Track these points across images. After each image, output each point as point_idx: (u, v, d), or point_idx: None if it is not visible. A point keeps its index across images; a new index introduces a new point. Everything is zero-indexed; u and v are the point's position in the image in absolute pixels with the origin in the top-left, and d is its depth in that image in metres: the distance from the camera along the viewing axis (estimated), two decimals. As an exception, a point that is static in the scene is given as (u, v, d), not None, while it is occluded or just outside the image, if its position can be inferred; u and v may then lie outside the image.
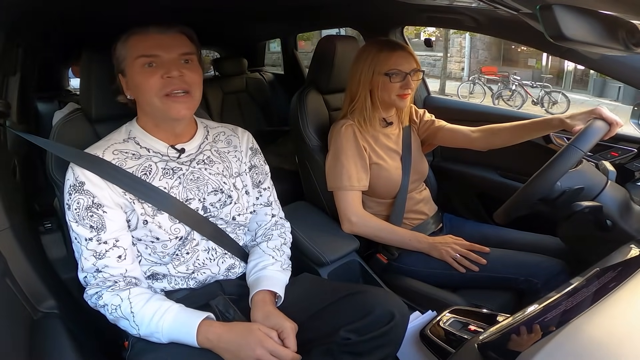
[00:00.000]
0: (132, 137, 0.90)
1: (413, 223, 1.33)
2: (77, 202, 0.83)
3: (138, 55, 0.83)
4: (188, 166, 0.92)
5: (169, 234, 0.87)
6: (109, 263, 0.83)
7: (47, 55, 2.42)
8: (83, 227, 0.83)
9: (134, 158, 0.88)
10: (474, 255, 1.17)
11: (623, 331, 0.52)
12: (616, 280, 0.62)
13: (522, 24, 0.81)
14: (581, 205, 0.92)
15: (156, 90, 0.83)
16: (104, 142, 0.89)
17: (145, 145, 0.90)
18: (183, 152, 0.92)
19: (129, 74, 0.85)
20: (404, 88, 1.22)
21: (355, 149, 1.24)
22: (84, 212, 0.82)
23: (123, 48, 0.86)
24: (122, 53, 0.86)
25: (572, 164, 0.94)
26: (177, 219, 0.88)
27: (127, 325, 0.81)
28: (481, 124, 1.32)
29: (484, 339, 0.61)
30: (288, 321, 0.85)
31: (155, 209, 0.86)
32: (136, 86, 0.85)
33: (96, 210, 0.83)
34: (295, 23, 2.44)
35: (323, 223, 1.33)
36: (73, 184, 0.83)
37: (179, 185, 0.90)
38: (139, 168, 0.87)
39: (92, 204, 0.83)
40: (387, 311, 0.84)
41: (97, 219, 0.83)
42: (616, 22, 0.57)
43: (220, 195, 0.93)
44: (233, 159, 0.99)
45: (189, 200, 0.90)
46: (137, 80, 0.84)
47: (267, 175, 1.05)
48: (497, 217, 1.06)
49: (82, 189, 0.83)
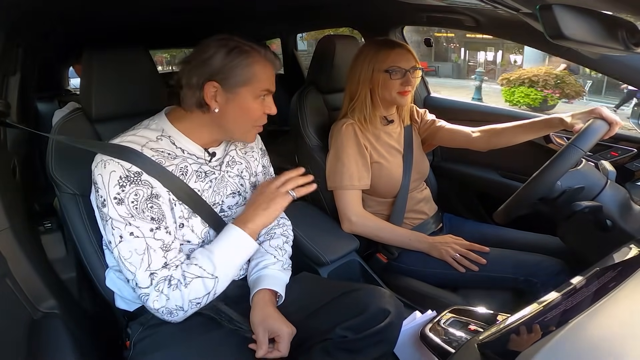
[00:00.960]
0: (166, 135, 0.87)
1: (413, 223, 1.33)
2: (134, 193, 0.77)
3: (266, 88, 0.86)
4: (219, 170, 0.93)
5: (199, 238, 0.87)
6: (177, 255, 0.81)
7: (47, 55, 2.42)
8: (143, 220, 0.77)
9: (170, 158, 0.85)
10: (473, 255, 1.17)
11: (623, 331, 0.52)
12: (616, 280, 0.62)
13: (522, 24, 0.81)
14: (581, 205, 0.92)
15: (256, 121, 0.88)
16: (137, 137, 0.83)
17: (181, 146, 0.88)
18: (214, 155, 0.92)
19: (241, 95, 0.84)
20: (405, 85, 1.22)
21: (356, 148, 1.24)
22: (144, 204, 0.78)
23: (245, 67, 0.82)
24: (242, 71, 0.82)
25: (573, 163, 0.94)
26: (207, 223, 0.88)
27: (203, 286, 0.80)
28: (482, 124, 1.32)
29: (484, 339, 0.61)
30: (286, 325, 0.85)
31: (190, 211, 0.86)
32: (244, 110, 0.85)
33: (156, 200, 0.79)
34: (295, 23, 2.44)
35: (323, 223, 1.33)
36: (126, 175, 0.77)
37: (209, 188, 0.90)
38: (176, 168, 0.85)
39: (151, 194, 0.79)
40: (382, 309, 0.84)
41: (157, 209, 0.79)
42: (616, 22, 0.57)
43: (237, 197, 0.95)
44: (251, 159, 1.01)
45: (215, 205, 0.91)
46: (249, 106, 0.85)
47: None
48: (497, 217, 1.06)
49: (140, 180, 0.78)
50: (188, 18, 1.76)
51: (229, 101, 0.84)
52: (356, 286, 0.93)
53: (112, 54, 0.98)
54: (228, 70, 0.82)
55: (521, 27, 0.93)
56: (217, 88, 0.83)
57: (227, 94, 0.83)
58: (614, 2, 0.56)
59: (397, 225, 1.28)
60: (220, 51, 0.82)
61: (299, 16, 2.08)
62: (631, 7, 0.55)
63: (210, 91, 0.82)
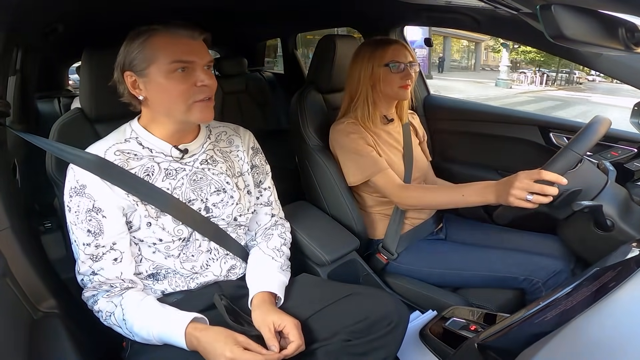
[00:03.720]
0: (134, 136, 0.89)
1: (413, 223, 1.33)
2: (77, 205, 0.82)
3: (173, 59, 0.80)
4: (191, 167, 0.91)
5: (172, 235, 0.87)
6: (105, 266, 0.83)
7: (47, 55, 2.42)
8: (81, 230, 0.83)
9: (136, 159, 0.87)
10: (548, 189, 0.92)
11: (623, 331, 0.52)
12: (616, 280, 0.62)
13: (522, 24, 0.81)
14: (581, 205, 0.92)
15: (187, 96, 0.82)
16: (104, 142, 0.88)
17: (148, 145, 0.88)
18: (186, 152, 0.91)
19: (152, 76, 0.81)
20: (405, 79, 1.23)
21: (363, 140, 1.24)
22: (83, 216, 0.82)
23: (144, 47, 0.81)
24: (142, 52, 0.81)
25: (569, 166, 0.94)
26: (180, 221, 0.87)
27: (121, 332, 0.83)
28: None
29: (484, 338, 0.61)
30: (288, 317, 0.84)
31: (158, 210, 0.86)
32: (162, 90, 0.82)
33: (95, 215, 0.82)
34: (295, 23, 2.44)
35: (323, 223, 1.33)
36: (74, 186, 0.83)
37: (182, 186, 0.89)
38: (142, 169, 0.86)
39: (92, 207, 0.82)
40: (387, 313, 0.84)
41: (96, 223, 0.82)
42: (616, 21, 0.57)
43: (222, 195, 0.93)
44: (235, 159, 0.98)
45: (191, 202, 0.90)
46: (164, 84, 0.81)
47: (267, 174, 1.05)
48: (497, 217, 1.06)
49: (83, 192, 0.82)
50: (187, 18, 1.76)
51: (147, 84, 0.83)
52: (358, 289, 0.93)
53: (112, 54, 0.98)
54: (131, 55, 0.82)
55: (521, 27, 0.93)
56: (133, 75, 0.83)
57: (142, 79, 0.83)
58: (614, 2, 0.56)
59: (397, 225, 1.28)
60: (126, 41, 0.84)
61: (299, 16, 2.08)
62: (631, 7, 0.55)
63: (129, 81, 0.83)
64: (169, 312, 0.83)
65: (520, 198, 0.93)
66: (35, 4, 1.08)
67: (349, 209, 1.32)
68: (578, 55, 1.07)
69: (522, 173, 0.95)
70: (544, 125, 1.48)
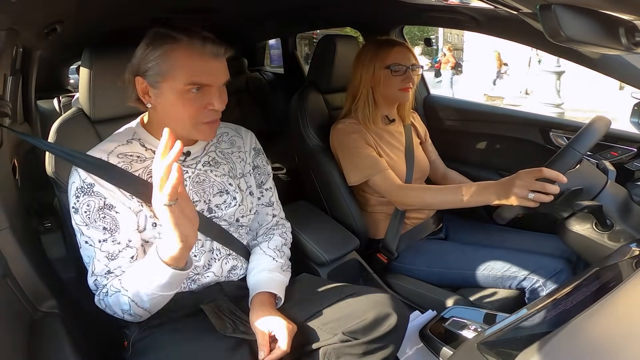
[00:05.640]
0: (136, 138, 0.88)
1: (413, 223, 1.33)
2: (86, 204, 0.79)
3: (189, 81, 0.77)
4: (194, 169, 0.91)
5: None
6: (122, 264, 0.81)
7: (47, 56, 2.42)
8: (95, 229, 0.80)
9: (140, 161, 0.86)
10: (550, 187, 0.90)
11: (623, 331, 0.52)
12: (616, 280, 0.62)
13: (522, 24, 0.81)
14: (581, 204, 0.92)
15: (195, 119, 0.80)
16: (106, 144, 0.86)
17: (151, 147, 0.87)
18: (189, 154, 0.90)
19: (164, 90, 0.78)
20: (406, 82, 1.23)
21: (364, 141, 1.24)
22: (96, 214, 0.79)
23: (162, 60, 0.77)
24: (159, 65, 0.77)
25: (570, 165, 0.94)
26: None
27: (135, 310, 0.79)
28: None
29: (484, 338, 0.61)
30: (286, 321, 0.85)
31: None
32: (171, 106, 0.79)
33: (108, 211, 0.80)
34: (296, 23, 2.44)
35: (323, 223, 1.33)
36: (80, 186, 0.80)
37: (184, 187, 0.89)
38: (145, 171, 0.85)
39: (104, 205, 0.80)
40: (387, 313, 0.84)
41: (110, 220, 0.80)
42: (616, 21, 0.57)
43: (225, 196, 0.93)
44: (237, 160, 0.98)
45: (194, 203, 0.89)
46: (175, 103, 0.78)
47: (269, 175, 1.05)
48: (497, 217, 1.06)
49: (92, 191, 0.80)
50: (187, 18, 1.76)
51: (158, 97, 0.80)
52: (359, 289, 0.92)
53: (111, 54, 0.98)
54: (146, 64, 0.78)
55: (521, 27, 0.93)
56: (145, 83, 0.80)
57: (154, 90, 0.79)
58: (614, 2, 0.56)
59: (398, 225, 1.28)
60: (143, 42, 0.79)
61: (299, 16, 2.08)
62: (631, 7, 0.55)
63: (140, 87, 0.80)
64: (145, 258, 0.78)
65: (522, 196, 0.92)
66: (35, 4, 1.08)
67: (349, 209, 1.32)
68: (578, 55, 1.07)
69: (523, 171, 0.94)
70: (544, 125, 1.48)
